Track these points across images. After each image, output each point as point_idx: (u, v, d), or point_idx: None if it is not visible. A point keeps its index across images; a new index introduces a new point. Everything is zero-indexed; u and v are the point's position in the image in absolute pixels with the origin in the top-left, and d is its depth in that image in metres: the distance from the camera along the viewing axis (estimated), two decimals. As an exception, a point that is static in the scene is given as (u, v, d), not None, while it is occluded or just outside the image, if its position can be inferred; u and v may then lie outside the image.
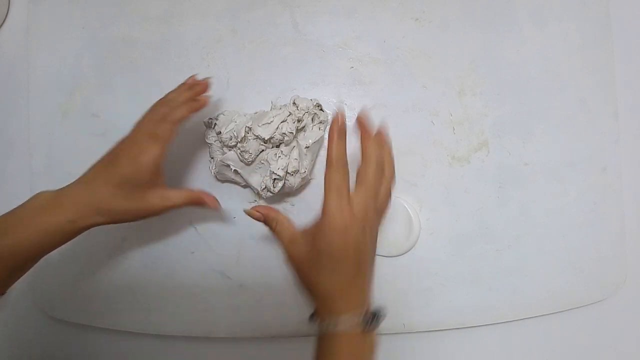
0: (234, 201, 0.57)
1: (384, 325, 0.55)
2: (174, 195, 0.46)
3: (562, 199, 0.57)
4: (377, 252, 0.53)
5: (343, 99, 0.58)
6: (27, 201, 0.41)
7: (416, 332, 0.56)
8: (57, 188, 0.46)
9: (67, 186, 0.43)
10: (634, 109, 0.58)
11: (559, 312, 0.56)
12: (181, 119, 0.46)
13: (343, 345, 0.36)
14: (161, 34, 0.59)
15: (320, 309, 0.38)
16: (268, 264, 0.57)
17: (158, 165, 0.44)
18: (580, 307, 0.56)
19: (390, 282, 0.56)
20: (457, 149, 0.57)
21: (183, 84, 0.50)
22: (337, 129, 0.39)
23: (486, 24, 0.58)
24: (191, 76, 0.50)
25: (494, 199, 0.57)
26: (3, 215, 0.40)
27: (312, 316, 0.40)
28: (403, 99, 0.57)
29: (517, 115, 0.57)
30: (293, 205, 0.57)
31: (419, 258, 0.56)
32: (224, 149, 0.53)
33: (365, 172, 0.40)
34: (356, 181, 0.40)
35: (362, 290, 0.38)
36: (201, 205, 0.48)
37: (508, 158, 0.57)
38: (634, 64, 0.58)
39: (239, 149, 0.51)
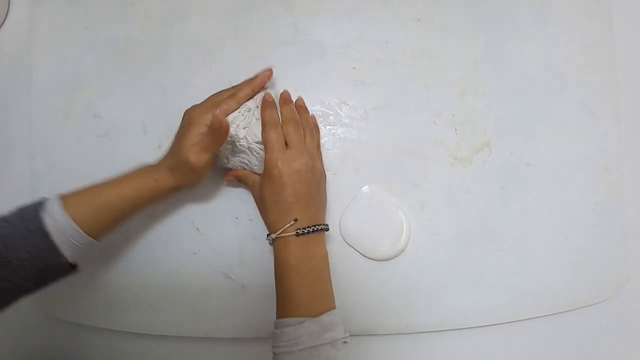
0: (235, 201, 0.57)
1: (386, 325, 0.56)
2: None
3: (564, 200, 0.57)
4: (365, 254, 0.56)
5: (345, 99, 0.58)
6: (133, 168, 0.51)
7: (418, 332, 0.56)
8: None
9: (161, 157, 0.52)
10: (636, 109, 0.58)
11: (561, 312, 0.56)
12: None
13: (287, 245, 0.48)
14: (163, 34, 0.59)
15: (271, 229, 0.50)
16: (270, 264, 0.56)
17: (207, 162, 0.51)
18: (583, 307, 0.56)
19: (393, 282, 0.56)
20: (459, 150, 0.57)
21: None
22: (266, 101, 0.52)
23: (488, 24, 0.58)
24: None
25: (496, 199, 0.56)
26: (112, 177, 0.50)
27: (268, 235, 0.50)
28: (405, 100, 0.57)
29: (519, 115, 0.57)
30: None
31: (421, 258, 0.56)
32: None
33: (287, 130, 0.51)
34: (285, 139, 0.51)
35: (301, 211, 0.49)
36: (217, 129, 0.48)
37: (510, 158, 0.57)
38: (636, 64, 0.58)
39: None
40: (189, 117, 0.50)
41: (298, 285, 0.47)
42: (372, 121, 0.57)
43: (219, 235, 0.57)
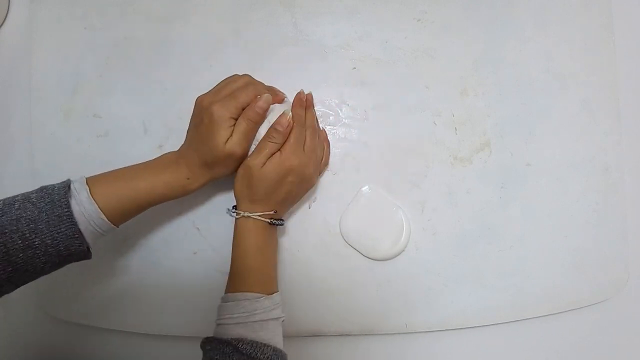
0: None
1: (386, 325, 0.56)
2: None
3: (564, 199, 0.57)
4: (365, 254, 0.56)
5: (345, 99, 0.58)
6: (156, 159, 0.50)
7: (418, 332, 0.56)
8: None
9: (183, 149, 0.51)
10: (636, 109, 0.58)
11: (562, 312, 0.56)
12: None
13: (259, 228, 0.50)
14: (163, 34, 0.59)
15: (247, 205, 0.51)
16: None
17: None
18: (583, 307, 0.56)
19: (393, 282, 0.56)
20: (459, 150, 0.57)
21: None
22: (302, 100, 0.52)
23: (488, 24, 0.58)
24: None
25: (496, 199, 0.57)
26: (136, 165, 0.50)
27: (234, 208, 0.52)
28: (405, 100, 0.57)
29: (519, 115, 0.57)
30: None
31: (421, 258, 0.56)
32: None
33: (307, 134, 0.52)
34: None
35: (283, 207, 0.52)
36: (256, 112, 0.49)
37: (510, 158, 0.57)
38: (636, 64, 0.59)
39: None
40: (210, 113, 0.48)
41: (260, 265, 0.50)
42: (372, 121, 0.57)
43: (219, 235, 0.57)
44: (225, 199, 0.57)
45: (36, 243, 0.42)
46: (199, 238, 0.57)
